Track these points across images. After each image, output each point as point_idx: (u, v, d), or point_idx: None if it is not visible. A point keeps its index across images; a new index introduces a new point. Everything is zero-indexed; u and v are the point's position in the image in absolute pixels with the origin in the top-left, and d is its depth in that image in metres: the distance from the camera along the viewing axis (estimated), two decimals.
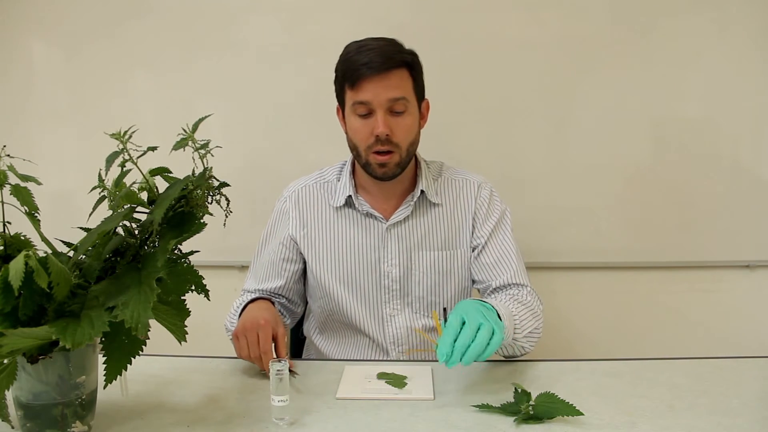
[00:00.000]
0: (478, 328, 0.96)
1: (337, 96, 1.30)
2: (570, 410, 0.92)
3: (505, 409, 0.95)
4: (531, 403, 0.93)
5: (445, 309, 1.27)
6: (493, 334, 0.96)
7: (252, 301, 1.25)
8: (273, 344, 1.09)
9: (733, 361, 1.19)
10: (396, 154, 1.23)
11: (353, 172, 1.34)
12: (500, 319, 1.03)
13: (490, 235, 1.32)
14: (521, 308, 1.18)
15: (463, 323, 0.97)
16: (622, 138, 1.85)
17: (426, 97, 1.31)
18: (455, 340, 0.95)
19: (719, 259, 1.92)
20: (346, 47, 1.25)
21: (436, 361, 1.30)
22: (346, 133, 1.29)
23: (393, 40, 1.24)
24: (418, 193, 1.31)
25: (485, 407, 0.96)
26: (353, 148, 1.27)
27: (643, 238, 1.90)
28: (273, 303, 1.27)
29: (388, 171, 1.24)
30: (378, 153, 1.22)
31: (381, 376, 1.11)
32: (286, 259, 1.34)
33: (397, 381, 1.08)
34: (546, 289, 1.92)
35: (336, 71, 1.27)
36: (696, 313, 1.95)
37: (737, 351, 1.35)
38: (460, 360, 0.94)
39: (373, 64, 1.18)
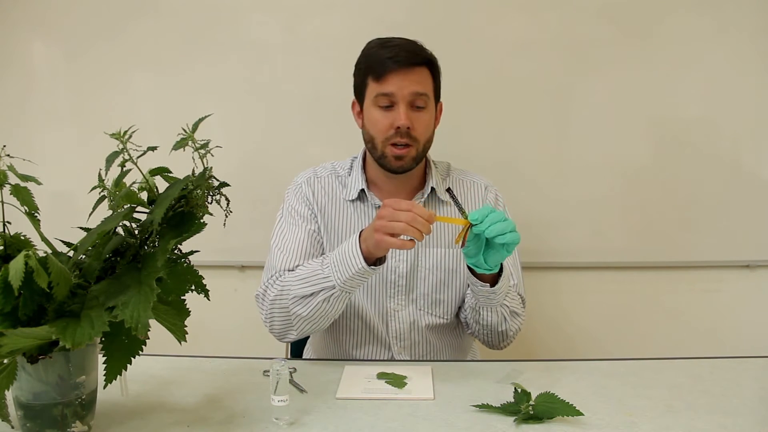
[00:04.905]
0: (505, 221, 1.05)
1: (356, 89, 1.31)
2: (570, 410, 0.92)
3: (505, 409, 0.96)
4: (531, 403, 0.94)
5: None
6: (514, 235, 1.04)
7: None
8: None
9: (733, 361, 1.19)
10: (413, 148, 1.24)
11: (364, 167, 1.34)
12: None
13: None
14: (512, 292, 1.27)
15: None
16: (622, 138, 1.85)
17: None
18: (487, 216, 1.04)
19: (719, 259, 1.92)
20: (369, 43, 1.28)
21: (436, 361, 1.32)
22: (362, 127, 1.30)
23: (415, 41, 1.27)
24: (428, 190, 1.32)
25: (485, 407, 0.96)
26: (369, 140, 1.28)
27: (643, 238, 1.89)
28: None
29: (404, 164, 1.25)
30: (395, 146, 1.24)
31: (381, 376, 1.11)
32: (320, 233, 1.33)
33: (397, 381, 1.08)
34: (546, 289, 1.93)
35: (358, 65, 1.29)
36: (696, 313, 1.94)
37: (737, 351, 1.35)
38: (486, 229, 1.02)
39: (400, 58, 1.21)
